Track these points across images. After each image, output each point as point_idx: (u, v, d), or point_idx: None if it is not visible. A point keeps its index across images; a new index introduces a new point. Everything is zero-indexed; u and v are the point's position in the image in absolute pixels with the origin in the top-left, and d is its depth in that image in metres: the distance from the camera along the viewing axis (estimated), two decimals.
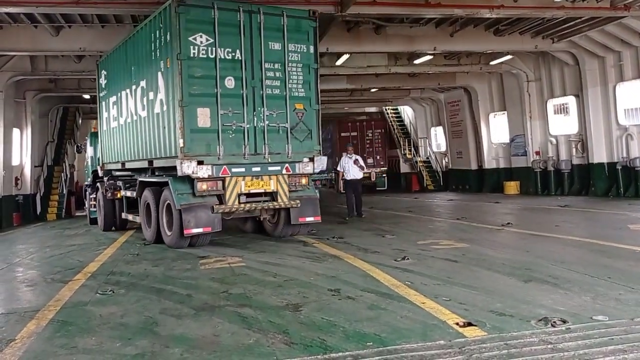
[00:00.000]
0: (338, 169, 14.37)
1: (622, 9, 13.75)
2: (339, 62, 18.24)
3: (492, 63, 19.75)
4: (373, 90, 24.73)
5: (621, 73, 16.57)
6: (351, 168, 13.97)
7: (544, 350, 3.78)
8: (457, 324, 4.47)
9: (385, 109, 32.09)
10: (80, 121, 25.72)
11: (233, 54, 9.24)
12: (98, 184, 14.34)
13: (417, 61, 18.86)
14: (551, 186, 19.61)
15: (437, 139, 28.48)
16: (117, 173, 13.08)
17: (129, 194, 12.02)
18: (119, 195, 12.71)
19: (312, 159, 9.93)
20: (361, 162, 14.24)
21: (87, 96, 21.05)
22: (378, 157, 26.59)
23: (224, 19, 9.15)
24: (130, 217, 12.31)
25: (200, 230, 9.19)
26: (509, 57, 19.28)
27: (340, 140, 21.76)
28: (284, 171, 9.70)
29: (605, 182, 17.45)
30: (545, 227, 10.76)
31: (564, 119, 19.41)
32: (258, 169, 9.50)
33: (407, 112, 31.57)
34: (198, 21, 9.00)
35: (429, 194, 25.10)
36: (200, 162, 8.92)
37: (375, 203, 19.61)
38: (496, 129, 23.11)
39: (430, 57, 18.51)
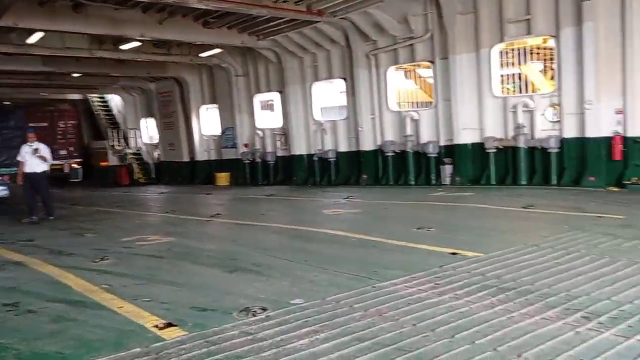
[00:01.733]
0: (18, 158, 11.97)
1: (316, 14, 15.12)
2: (30, 40, 15.95)
3: (201, 55, 19.79)
4: (75, 75, 22.50)
5: (316, 73, 18.32)
6: (30, 159, 11.72)
7: (243, 343, 3.67)
8: (157, 326, 4.11)
9: (91, 97, 29.67)
10: None
11: None
12: None
13: (123, 47, 17.73)
14: (259, 176, 20.68)
15: (149, 131, 27.50)
16: None
17: None
18: None
19: None
20: (43, 152, 11.84)
21: None
22: (71, 149, 25.18)
23: None
24: None
25: None
26: (218, 50, 19.58)
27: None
28: None
29: (304, 172, 19.12)
30: (252, 216, 11.14)
31: (270, 113, 20.65)
32: None
33: (116, 102, 29.71)
34: None
35: (140, 187, 24.08)
36: None
37: (78, 199, 17.91)
38: (208, 122, 23.36)
39: (139, 43, 17.61)
